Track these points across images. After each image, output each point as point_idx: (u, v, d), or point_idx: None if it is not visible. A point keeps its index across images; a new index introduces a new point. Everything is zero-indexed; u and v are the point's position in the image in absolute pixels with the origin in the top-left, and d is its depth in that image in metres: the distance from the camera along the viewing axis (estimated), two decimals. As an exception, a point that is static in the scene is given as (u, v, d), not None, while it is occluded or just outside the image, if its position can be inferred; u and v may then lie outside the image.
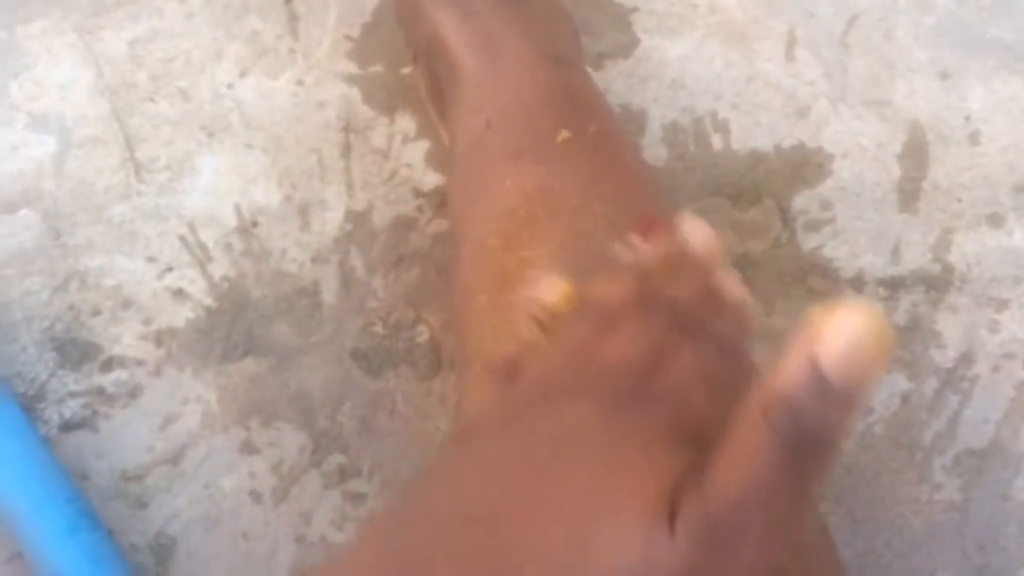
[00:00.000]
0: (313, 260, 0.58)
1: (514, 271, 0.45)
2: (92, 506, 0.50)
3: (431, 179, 0.61)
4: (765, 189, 0.61)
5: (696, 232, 0.37)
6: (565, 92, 0.51)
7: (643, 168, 0.52)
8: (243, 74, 0.63)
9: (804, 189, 0.61)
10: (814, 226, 0.60)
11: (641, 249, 0.38)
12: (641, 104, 0.63)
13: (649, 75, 0.64)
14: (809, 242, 0.59)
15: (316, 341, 0.57)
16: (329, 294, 0.58)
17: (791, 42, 0.65)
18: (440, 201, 0.60)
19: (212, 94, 0.62)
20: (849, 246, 0.59)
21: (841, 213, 0.60)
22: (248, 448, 0.54)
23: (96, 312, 0.56)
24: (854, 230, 0.60)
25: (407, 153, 0.62)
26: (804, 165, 0.62)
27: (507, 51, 0.51)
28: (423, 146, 0.62)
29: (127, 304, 0.56)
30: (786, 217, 0.60)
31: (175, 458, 0.53)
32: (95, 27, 0.64)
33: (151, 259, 0.58)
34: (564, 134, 0.48)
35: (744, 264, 0.58)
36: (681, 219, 0.36)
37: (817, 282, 0.58)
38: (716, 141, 0.62)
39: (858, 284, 0.58)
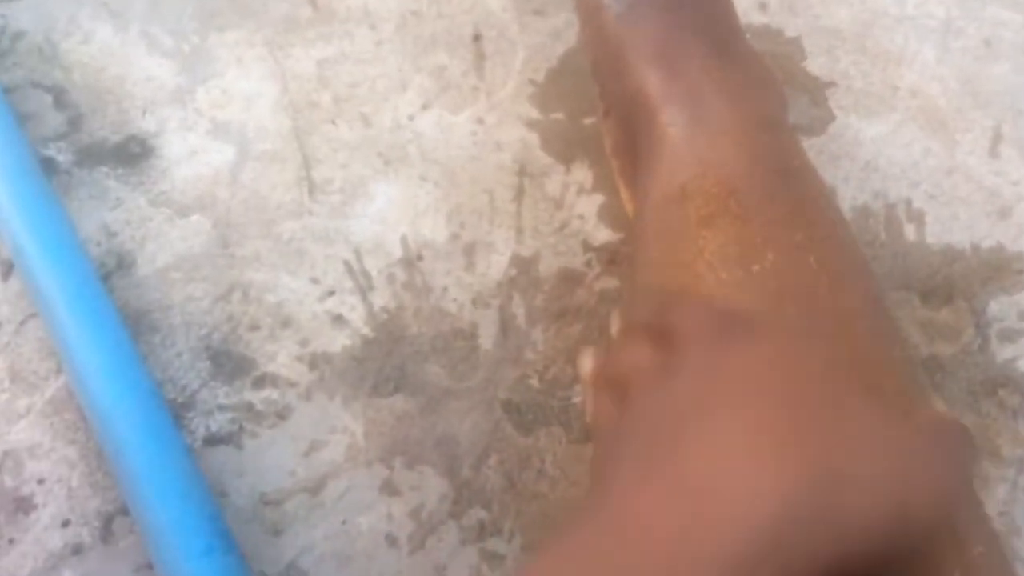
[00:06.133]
0: (474, 302, 0.57)
1: None
2: (229, 527, 0.49)
3: (602, 234, 0.59)
4: (959, 289, 0.57)
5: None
6: (770, 161, 0.48)
7: (846, 236, 0.49)
8: (425, 107, 0.62)
9: (1001, 295, 0.57)
10: (1010, 336, 0.55)
11: None
12: (832, 182, 0.60)
13: (842, 153, 0.61)
14: (1003, 353, 0.55)
15: (468, 386, 0.55)
16: (487, 339, 0.56)
17: (996, 138, 0.61)
18: (609, 258, 0.58)
19: (393, 123, 0.61)
20: (1048, 363, 0.55)
21: (1041, 326, 0.56)
22: (389, 488, 0.52)
23: (255, 327, 0.55)
24: (1054, 346, 0.55)
25: (580, 205, 0.60)
26: (1003, 269, 0.57)
27: (713, 115, 0.49)
28: (597, 200, 0.60)
29: (286, 323, 0.55)
30: (980, 322, 0.56)
31: (316, 488, 0.52)
32: (286, 43, 0.64)
33: (314, 280, 0.57)
34: None
35: (931, 367, 0.54)
36: None
37: (1009, 397, 0.54)
38: (909, 231, 0.58)
39: (1055, 405, 0.54)
